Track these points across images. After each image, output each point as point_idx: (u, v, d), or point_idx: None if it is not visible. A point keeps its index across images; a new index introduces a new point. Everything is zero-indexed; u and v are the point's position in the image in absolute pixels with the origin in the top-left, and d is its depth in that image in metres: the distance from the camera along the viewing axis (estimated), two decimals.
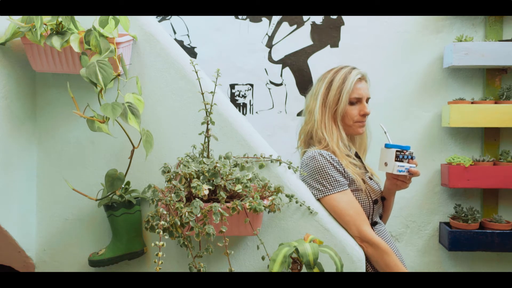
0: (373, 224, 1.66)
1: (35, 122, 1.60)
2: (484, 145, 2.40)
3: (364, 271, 1.54)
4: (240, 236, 1.53)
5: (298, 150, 1.80)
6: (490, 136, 2.40)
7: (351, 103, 1.66)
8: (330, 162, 1.58)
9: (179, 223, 1.32)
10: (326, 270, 1.43)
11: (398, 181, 1.66)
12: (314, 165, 1.58)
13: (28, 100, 1.57)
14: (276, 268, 1.27)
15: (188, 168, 1.37)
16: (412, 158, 1.61)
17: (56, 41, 1.39)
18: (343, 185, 1.58)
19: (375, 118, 1.80)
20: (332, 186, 1.56)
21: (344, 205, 1.55)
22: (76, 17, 1.43)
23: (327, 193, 1.56)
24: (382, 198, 1.73)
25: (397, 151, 1.59)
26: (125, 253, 1.52)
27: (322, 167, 1.57)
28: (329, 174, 1.57)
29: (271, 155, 1.54)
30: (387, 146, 1.63)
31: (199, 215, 1.31)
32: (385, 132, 1.67)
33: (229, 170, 1.39)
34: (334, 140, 1.63)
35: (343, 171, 1.60)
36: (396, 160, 1.59)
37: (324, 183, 1.57)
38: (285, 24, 2.53)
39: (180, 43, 2.54)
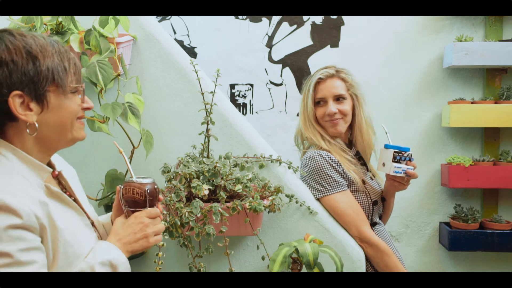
0: (373, 224, 1.66)
1: None
2: (484, 145, 2.40)
3: (364, 271, 1.54)
4: (240, 236, 1.53)
5: (299, 152, 1.80)
6: (490, 136, 2.40)
7: (318, 103, 1.68)
8: (329, 163, 1.58)
9: (179, 223, 1.32)
10: (326, 270, 1.43)
11: (396, 182, 1.66)
12: (313, 165, 1.58)
13: None
14: (276, 268, 1.27)
15: (188, 168, 1.37)
16: (410, 159, 1.61)
17: None
18: (342, 185, 1.58)
19: (375, 118, 1.80)
20: (331, 187, 1.56)
21: (344, 206, 1.55)
22: (76, 17, 1.43)
23: (326, 194, 1.56)
24: (382, 198, 1.73)
25: (395, 152, 1.59)
26: None
27: (321, 168, 1.57)
28: (328, 174, 1.57)
29: (271, 155, 1.54)
30: (386, 146, 1.63)
31: (199, 215, 1.31)
32: (386, 133, 1.67)
33: (229, 170, 1.39)
34: (319, 138, 1.65)
35: (342, 172, 1.60)
36: (393, 161, 1.59)
37: (323, 183, 1.57)
38: (285, 24, 2.53)
39: (180, 43, 2.53)
